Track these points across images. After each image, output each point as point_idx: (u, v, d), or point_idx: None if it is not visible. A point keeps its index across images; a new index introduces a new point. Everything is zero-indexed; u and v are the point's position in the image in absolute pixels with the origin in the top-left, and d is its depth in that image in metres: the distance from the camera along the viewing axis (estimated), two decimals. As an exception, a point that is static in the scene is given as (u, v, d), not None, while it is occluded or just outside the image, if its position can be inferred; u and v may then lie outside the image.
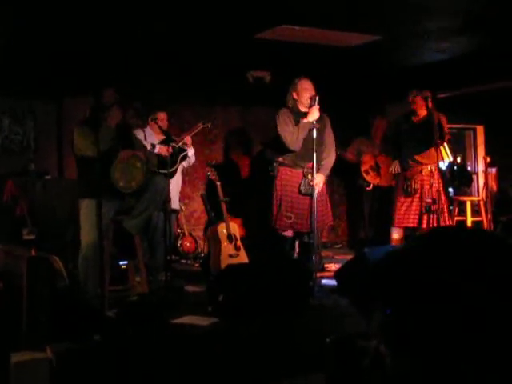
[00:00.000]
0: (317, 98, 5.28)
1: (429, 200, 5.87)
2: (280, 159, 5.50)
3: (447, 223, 5.99)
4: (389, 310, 1.44)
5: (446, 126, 6.00)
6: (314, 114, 5.24)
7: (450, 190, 7.76)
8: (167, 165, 5.14)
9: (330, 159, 5.57)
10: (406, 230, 6.21)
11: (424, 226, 6.05)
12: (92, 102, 4.60)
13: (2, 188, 6.06)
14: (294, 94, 5.45)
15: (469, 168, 8.90)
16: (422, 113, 6.12)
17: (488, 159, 7.27)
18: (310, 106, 5.29)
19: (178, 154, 5.97)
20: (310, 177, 5.35)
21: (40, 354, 3.23)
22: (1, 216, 5.98)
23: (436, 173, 6.05)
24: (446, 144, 6.95)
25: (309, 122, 5.25)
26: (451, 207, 6.83)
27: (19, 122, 6.70)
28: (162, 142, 5.91)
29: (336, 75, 7.29)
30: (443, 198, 6.02)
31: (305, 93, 5.38)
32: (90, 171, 4.31)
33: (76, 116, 6.20)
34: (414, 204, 6.10)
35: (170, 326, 4.10)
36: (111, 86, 4.67)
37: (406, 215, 6.15)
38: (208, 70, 6.79)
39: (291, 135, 5.31)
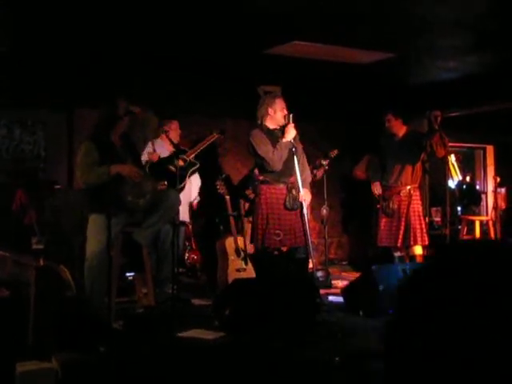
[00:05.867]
0: (291, 115, 5.20)
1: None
2: (261, 178, 5.37)
3: (419, 244, 6.04)
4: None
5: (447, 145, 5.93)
6: (291, 133, 5.18)
7: (459, 208, 7.74)
8: (177, 179, 5.14)
9: (307, 172, 5.54)
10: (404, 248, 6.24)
11: (399, 244, 6.10)
12: (101, 112, 4.60)
13: (11, 197, 6.07)
14: (271, 111, 5.29)
15: (478, 187, 8.88)
16: (401, 132, 6.17)
17: (498, 179, 7.26)
18: (286, 125, 5.20)
19: (189, 168, 5.95)
20: (294, 192, 5.32)
21: (46, 364, 3.23)
22: (10, 225, 5.98)
23: (415, 194, 6.08)
24: (455, 162, 6.92)
25: (287, 142, 5.19)
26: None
27: (30, 131, 6.72)
28: (171, 155, 5.87)
29: (345, 92, 7.30)
30: (420, 219, 6.06)
31: (280, 112, 5.28)
32: (98, 185, 4.33)
33: (86, 126, 6.24)
34: (394, 224, 6.13)
35: (176, 339, 4.08)
36: (121, 96, 4.63)
37: (387, 234, 6.20)
38: (220, 83, 6.82)
39: (273, 156, 5.20)
